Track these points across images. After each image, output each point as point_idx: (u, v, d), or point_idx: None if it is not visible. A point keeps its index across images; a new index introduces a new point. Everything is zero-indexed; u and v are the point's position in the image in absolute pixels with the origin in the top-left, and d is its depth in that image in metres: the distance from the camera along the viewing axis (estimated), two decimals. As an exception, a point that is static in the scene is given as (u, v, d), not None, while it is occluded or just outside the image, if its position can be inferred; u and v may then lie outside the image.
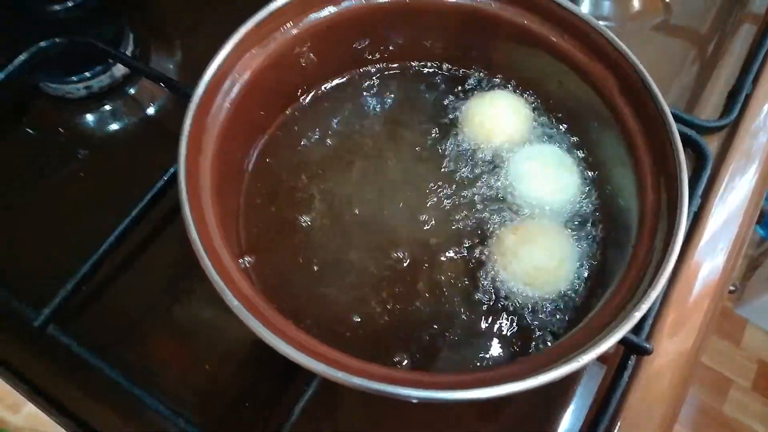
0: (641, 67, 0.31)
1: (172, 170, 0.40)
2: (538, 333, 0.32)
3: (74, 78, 0.46)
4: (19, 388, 0.36)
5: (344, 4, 0.34)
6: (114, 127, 0.47)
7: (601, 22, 0.51)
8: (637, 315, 0.25)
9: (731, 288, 0.46)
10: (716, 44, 0.52)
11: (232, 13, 0.51)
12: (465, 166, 0.37)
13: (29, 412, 0.35)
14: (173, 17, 0.52)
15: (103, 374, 0.34)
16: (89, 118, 0.48)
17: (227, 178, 0.32)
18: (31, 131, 0.47)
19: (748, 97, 0.46)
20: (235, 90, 0.32)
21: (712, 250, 0.42)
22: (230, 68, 0.31)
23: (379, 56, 0.38)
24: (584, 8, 0.52)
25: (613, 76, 0.33)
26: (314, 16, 0.34)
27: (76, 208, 0.43)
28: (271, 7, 0.32)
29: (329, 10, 0.34)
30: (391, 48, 0.37)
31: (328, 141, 0.37)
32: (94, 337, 0.36)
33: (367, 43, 0.37)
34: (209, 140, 0.30)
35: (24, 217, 0.43)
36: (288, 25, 0.33)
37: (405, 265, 0.34)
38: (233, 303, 0.24)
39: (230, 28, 0.50)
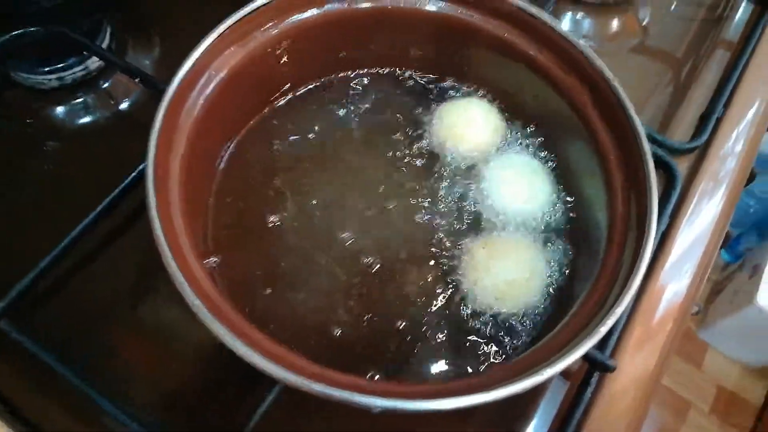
0: (616, 83, 0.32)
1: (141, 166, 0.39)
2: (505, 346, 0.32)
3: (46, 69, 0.45)
4: (-34, 384, 0.35)
5: (327, 7, 0.34)
6: (85, 120, 0.46)
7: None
8: (602, 330, 0.25)
9: (694, 309, 0.47)
10: (690, 68, 0.53)
11: (214, 12, 0.51)
12: (436, 174, 0.36)
13: (-25, 408, 0.34)
14: (153, 13, 0.51)
15: (56, 373, 0.33)
16: (60, 110, 0.46)
17: (197, 176, 0.31)
18: (-1, 121, 0.46)
19: (718, 121, 0.47)
20: (211, 87, 0.31)
21: (678, 272, 0.42)
22: (207, 64, 0.31)
23: (357, 61, 0.38)
24: (564, 26, 0.53)
25: (588, 91, 0.33)
26: (296, 18, 0.33)
27: (41, 201, 0.42)
28: (253, 5, 0.32)
29: (312, 12, 0.34)
30: (369, 53, 0.37)
31: (303, 144, 0.37)
32: (51, 334, 0.35)
33: (346, 47, 0.37)
34: (181, 137, 0.29)
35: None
36: (269, 24, 0.33)
37: (373, 273, 0.34)
38: (194, 302, 0.24)
39: (211, 27, 0.50)
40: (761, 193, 1.39)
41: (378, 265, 0.34)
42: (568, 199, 0.36)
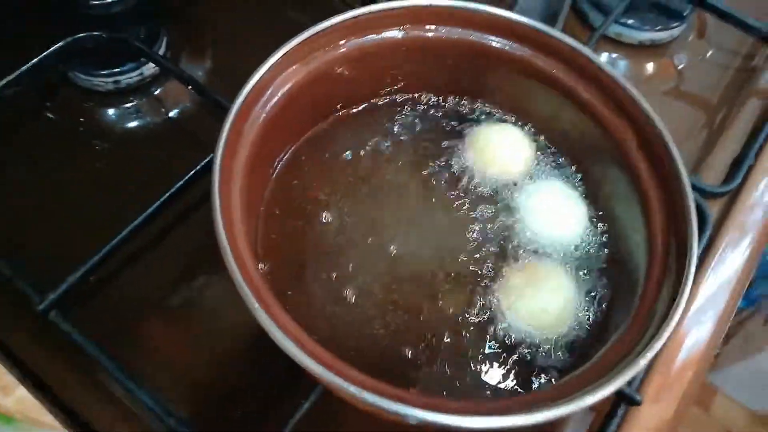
0: (663, 128, 0.33)
1: (192, 173, 0.41)
2: (539, 372, 0.32)
3: (104, 72, 0.47)
4: (12, 371, 0.36)
5: (384, 34, 0.35)
6: (135, 124, 0.48)
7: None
8: (642, 363, 0.26)
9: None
10: (724, 114, 0.54)
11: (266, 29, 0.54)
12: (474, 197, 0.38)
13: (21, 395, 0.35)
14: (208, 26, 0.53)
15: (100, 366, 0.34)
16: (111, 112, 0.48)
17: (255, 184, 0.32)
18: (52, 117, 0.48)
19: (750, 168, 0.48)
20: (273, 101, 0.33)
21: (701, 318, 0.43)
22: (272, 80, 0.32)
23: (406, 86, 0.39)
24: (602, 65, 0.55)
25: (634, 132, 0.34)
26: (355, 42, 0.35)
27: (90, 198, 0.44)
28: (318, 27, 0.33)
29: (370, 38, 0.35)
30: (418, 79, 0.39)
31: (348, 160, 0.38)
32: (96, 327, 0.36)
33: (397, 71, 0.38)
34: (244, 145, 0.31)
35: (38, 200, 0.43)
36: (331, 46, 0.34)
37: (412, 289, 0.35)
38: (254, 306, 0.25)
39: (262, 44, 0.52)
40: (778, 241, 1.39)
41: (416, 282, 0.35)
42: (605, 231, 0.37)
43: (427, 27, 0.36)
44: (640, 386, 0.39)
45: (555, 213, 0.36)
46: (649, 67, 0.56)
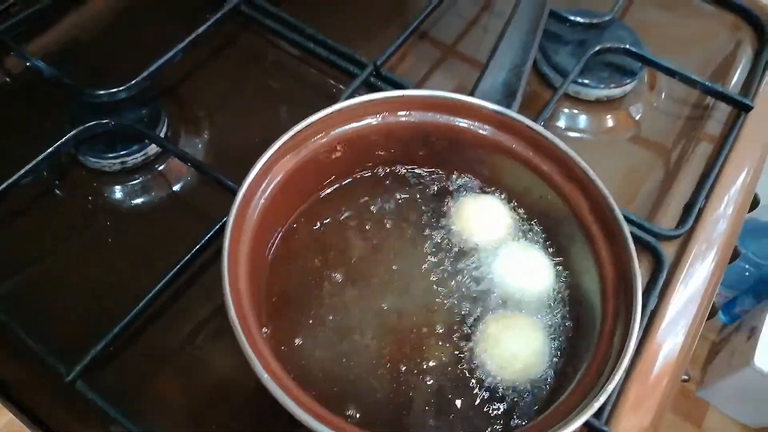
0: (608, 193, 0.38)
1: (198, 246, 0.45)
2: (518, 416, 0.37)
3: (112, 155, 0.51)
4: (40, 435, 0.40)
5: (364, 122, 0.41)
6: (141, 200, 0.52)
7: (576, 134, 0.59)
8: (596, 405, 0.31)
9: (684, 377, 0.52)
10: (678, 158, 0.59)
11: (252, 99, 0.59)
12: (456, 258, 0.42)
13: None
14: (200, 101, 0.58)
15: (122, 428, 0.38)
16: (119, 189, 0.53)
17: (257, 259, 0.37)
18: (62, 196, 0.52)
19: (701, 210, 0.53)
20: (270, 188, 0.37)
21: (672, 334, 0.48)
22: (268, 170, 0.37)
23: (389, 161, 0.44)
24: (561, 122, 0.60)
25: (585, 198, 0.39)
26: (339, 130, 0.40)
27: (105, 271, 0.48)
28: (307, 121, 0.38)
29: (353, 125, 0.40)
30: (398, 155, 0.44)
31: (340, 228, 0.43)
32: (114, 388, 0.41)
33: (381, 151, 0.43)
34: (246, 229, 0.35)
35: (55, 275, 0.48)
36: (318, 135, 0.39)
37: (400, 347, 0.39)
38: (264, 377, 0.29)
39: (251, 112, 0.57)
40: (756, 257, 1.45)
41: (403, 336, 0.40)
42: (568, 287, 0.42)
43: (401, 113, 0.41)
44: (614, 406, 0.43)
45: (526, 270, 0.41)
46: (609, 119, 0.61)
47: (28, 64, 0.56)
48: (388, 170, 0.45)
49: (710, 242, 0.53)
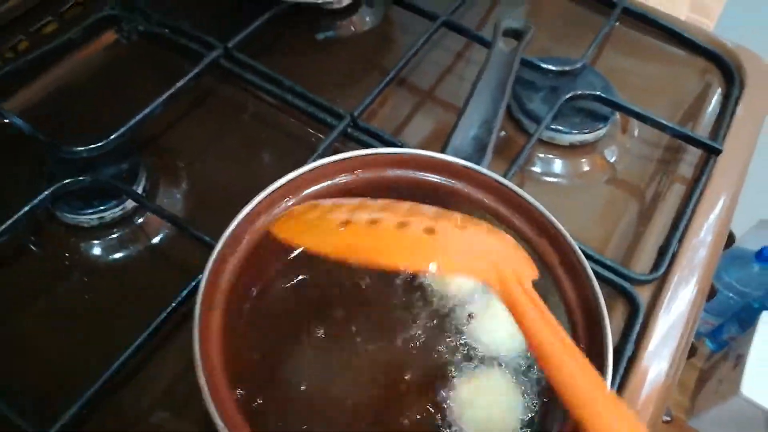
0: (576, 247, 0.39)
1: (174, 303, 0.45)
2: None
3: (89, 210, 0.52)
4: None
5: (338, 179, 0.41)
6: (119, 255, 0.52)
7: (552, 179, 0.60)
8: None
9: (665, 418, 0.52)
10: (652, 201, 0.60)
11: (232, 149, 0.60)
12: (430, 316, 0.42)
13: None
14: (180, 153, 0.59)
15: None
16: (96, 244, 0.53)
17: (230, 320, 0.37)
18: (38, 252, 0.52)
19: (674, 255, 0.54)
20: (243, 247, 0.38)
21: (651, 377, 0.48)
22: (243, 232, 0.38)
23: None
24: (537, 167, 0.61)
25: (555, 251, 0.40)
26: (312, 188, 0.41)
27: (80, 329, 0.48)
28: (281, 181, 0.39)
29: (326, 184, 0.41)
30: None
31: (313, 289, 0.43)
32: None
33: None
34: (222, 289, 0.36)
35: (27, 335, 0.47)
36: (291, 195, 0.40)
37: (375, 404, 0.39)
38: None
39: (231, 162, 0.58)
40: (739, 285, 1.46)
41: (379, 393, 0.40)
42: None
43: (375, 170, 0.42)
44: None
45: (501, 324, 0.41)
46: (584, 163, 0.62)
47: (6, 120, 0.56)
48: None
49: (686, 283, 0.53)
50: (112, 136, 0.53)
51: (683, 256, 0.54)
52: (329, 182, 0.41)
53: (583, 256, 0.38)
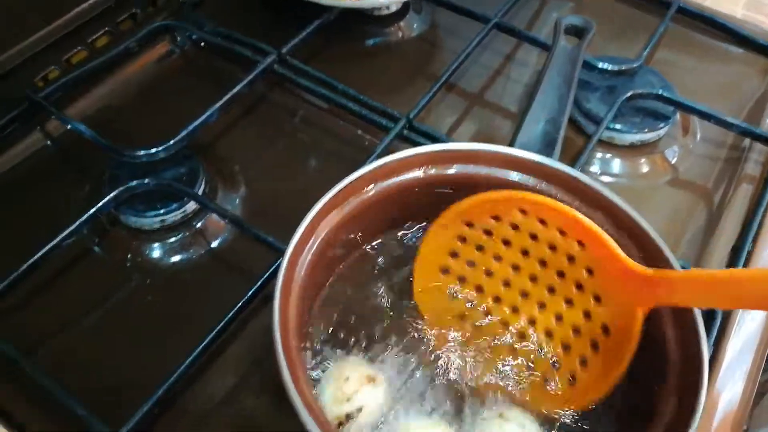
0: (664, 244, 0.37)
1: (239, 304, 0.45)
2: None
3: (151, 213, 0.52)
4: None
5: (407, 175, 0.41)
6: (179, 257, 0.52)
7: (611, 179, 0.58)
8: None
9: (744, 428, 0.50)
10: (720, 202, 0.58)
11: (286, 153, 0.60)
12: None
13: None
14: (236, 158, 0.59)
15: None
16: (157, 247, 0.53)
17: (302, 318, 0.36)
18: (102, 255, 0.52)
19: (749, 254, 0.52)
20: (316, 245, 0.37)
21: (730, 384, 0.46)
22: (314, 227, 0.37)
23: (432, 215, 0.44)
24: (595, 167, 0.59)
25: (637, 249, 0.38)
26: (381, 184, 0.40)
27: (144, 330, 0.48)
28: (352, 177, 0.38)
29: (395, 180, 0.40)
30: (440, 209, 0.43)
31: (374, 288, 0.42)
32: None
33: (422, 203, 0.43)
34: (295, 285, 0.35)
35: (94, 336, 0.47)
36: (361, 190, 0.39)
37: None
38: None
39: (286, 167, 0.58)
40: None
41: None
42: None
43: (443, 166, 0.41)
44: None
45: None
46: (644, 163, 0.61)
47: (69, 126, 0.57)
48: (421, 226, 0.44)
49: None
50: (173, 140, 0.53)
51: (759, 255, 0.52)
52: (400, 178, 0.41)
53: (672, 255, 0.37)
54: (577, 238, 0.38)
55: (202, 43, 0.68)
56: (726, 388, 0.46)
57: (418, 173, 0.41)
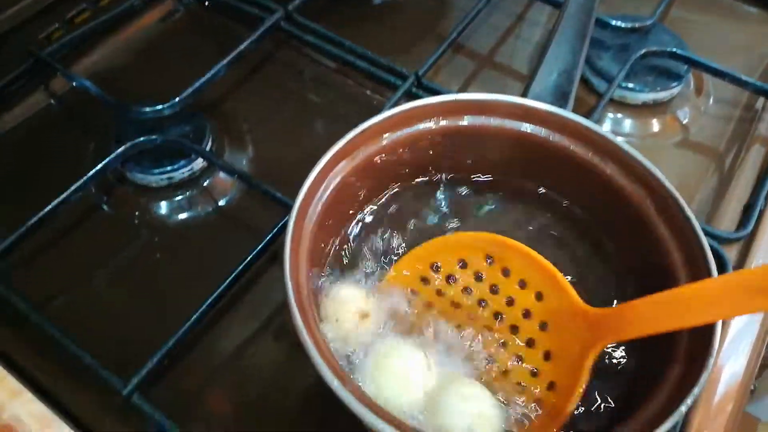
0: (676, 193, 0.37)
1: (248, 258, 0.45)
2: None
3: (158, 170, 0.51)
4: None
5: (418, 126, 0.40)
6: (186, 215, 0.52)
7: (622, 138, 0.57)
8: (683, 408, 0.29)
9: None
10: (731, 162, 0.57)
11: (293, 112, 0.59)
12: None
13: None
14: (242, 117, 0.58)
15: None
16: (165, 205, 0.53)
17: (312, 268, 0.36)
18: (109, 212, 0.52)
19: (761, 212, 0.51)
20: (326, 196, 0.37)
21: (735, 351, 0.45)
22: (324, 177, 0.37)
23: (443, 168, 0.43)
24: (607, 126, 0.59)
25: (650, 199, 0.38)
26: (392, 135, 0.39)
27: (153, 286, 0.48)
28: (362, 127, 0.38)
29: (407, 131, 0.40)
30: (455, 162, 0.43)
31: (394, 240, 0.42)
32: (167, 401, 0.40)
33: (433, 155, 0.42)
34: (305, 234, 0.35)
35: (103, 291, 0.47)
36: (372, 141, 0.39)
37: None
38: (333, 384, 0.28)
39: (292, 125, 0.57)
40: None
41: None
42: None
43: (454, 117, 0.41)
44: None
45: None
46: (655, 123, 0.60)
47: (74, 83, 0.57)
48: (444, 177, 0.44)
49: (773, 244, 0.51)
50: (180, 97, 0.53)
51: (770, 213, 0.52)
52: (410, 129, 0.40)
53: (684, 203, 0.36)
54: (537, 288, 0.37)
55: (206, 2, 0.67)
56: (731, 359, 0.45)
57: (430, 124, 0.40)
